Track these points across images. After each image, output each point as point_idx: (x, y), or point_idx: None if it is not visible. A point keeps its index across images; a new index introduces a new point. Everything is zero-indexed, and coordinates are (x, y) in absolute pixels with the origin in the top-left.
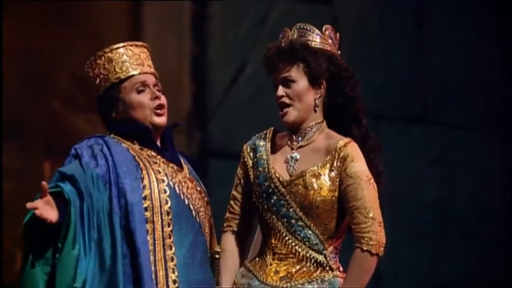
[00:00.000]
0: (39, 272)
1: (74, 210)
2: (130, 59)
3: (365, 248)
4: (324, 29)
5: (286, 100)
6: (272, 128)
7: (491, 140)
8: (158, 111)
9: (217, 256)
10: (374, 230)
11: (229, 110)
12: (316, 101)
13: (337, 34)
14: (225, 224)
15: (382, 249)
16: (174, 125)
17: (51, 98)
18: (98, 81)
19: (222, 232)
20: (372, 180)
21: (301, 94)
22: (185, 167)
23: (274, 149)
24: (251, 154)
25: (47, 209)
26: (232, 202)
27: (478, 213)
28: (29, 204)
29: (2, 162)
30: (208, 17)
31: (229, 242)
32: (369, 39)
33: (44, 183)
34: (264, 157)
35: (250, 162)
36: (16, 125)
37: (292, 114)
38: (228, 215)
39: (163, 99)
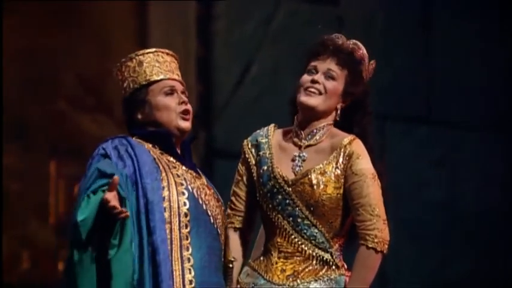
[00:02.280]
0: (93, 269)
1: (129, 208)
2: (161, 65)
3: (370, 246)
4: (371, 61)
5: (320, 88)
6: (273, 125)
7: (495, 140)
8: (184, 115)
9: (230, 265)
10: (379, 227)
11: (234, 110)
12: (338, 111)
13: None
14: (227, 221)
15: (387, 246)
16: (193, 137)
17: (57, 99)
18: (126, 84)
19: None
20: (376, 178)
21: (334, 93)
22: (203, 176)
23: (278, 147)
24: (253, 151)
25: (117, 203)
26: (233, 199)
27: (481, 214)
28: (107, 195)
29: (2, 162)
30: (214, 17)
31: (232, 239)
32: (373, 39)
33: (116, 177)
34: (268, 155)
35: (252, 160)
36: (21, 125)
37: (317, 100)
38: (229, 211)
39: (189, 106)
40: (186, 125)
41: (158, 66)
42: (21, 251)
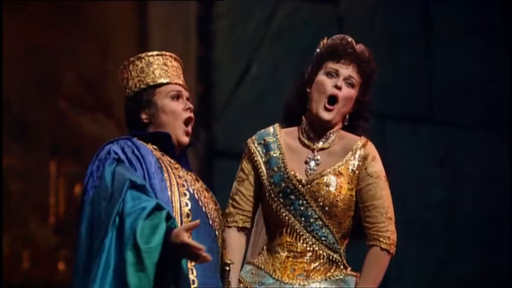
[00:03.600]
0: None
1: None
2: (169, 69)
3: (384, 247)
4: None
5: (339, 95)
6: (278, 124)
7: (498, 139)
8: (188, 129)
9: (227, 268)
10: (391, 229)
11: (235, 110)
12: (347, 116)
13: None
14: (229, 219)
15: (395, 249)
16: (190, 143)
17: (58, 98)
18: (131, 82)
19: (226, 227)
20: (387, 180)
21: (350, 100)
22: (200, 180)
23: (286, 147)
24: (259, 150)
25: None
26: (237, 197)
27: (485, 213)
28: (187, 240)
29: (2, 162)
30: (214, 17)
31: (234, 238)
32: (374, 39)
33: (198, 222)
34: (278, 155)
35: (259, 159)
36: (21, 125)
37: (332, 115)
38: (231, 209)
39: (192, 115)
40: (186, 140)
41: (166, 69)
42: (21, 250)
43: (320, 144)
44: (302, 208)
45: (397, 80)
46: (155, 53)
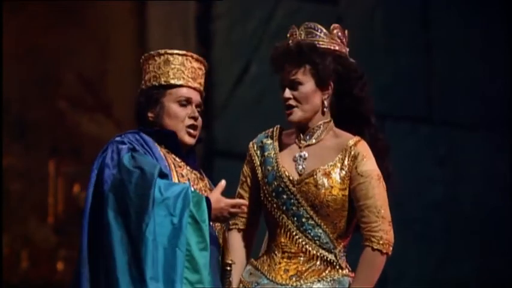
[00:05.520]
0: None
1: None
2: (186, 70)
3: (376, 247)
4: (331, 28)
5: (292, 103)
6: (278, 126)
7: (498, 139)
8: (191, 130)
9: (228, 268)
10: (384, 229)
11: (234, 109)
12: (325, 102)
13: (346, 31)
14: (230, 222)
15: (391, 248)
16: (197, 140)
17: (58, 98)
18: (147, 76)
19: (228, 230)
20: (381, 179)
21: (308, 96)
22: (206, 178)
23: (282, 148)
24: (258, 152)
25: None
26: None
27: (484, 213)
28: (227, 202)
29: (2, 162)
30: (213, 17)
31: (236, 240)
32: (374, 39)
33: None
34: (272, 155)
35: (257, 161)
36: (22, 124)
37: (297, 115)
38: None
39: (199, 121)
40: (190, 141)
41: (183, 70)
42: (20, 250)
43: (305, 141)
44: (294, 208)
45: (396, 80)
46: (175, 51)
